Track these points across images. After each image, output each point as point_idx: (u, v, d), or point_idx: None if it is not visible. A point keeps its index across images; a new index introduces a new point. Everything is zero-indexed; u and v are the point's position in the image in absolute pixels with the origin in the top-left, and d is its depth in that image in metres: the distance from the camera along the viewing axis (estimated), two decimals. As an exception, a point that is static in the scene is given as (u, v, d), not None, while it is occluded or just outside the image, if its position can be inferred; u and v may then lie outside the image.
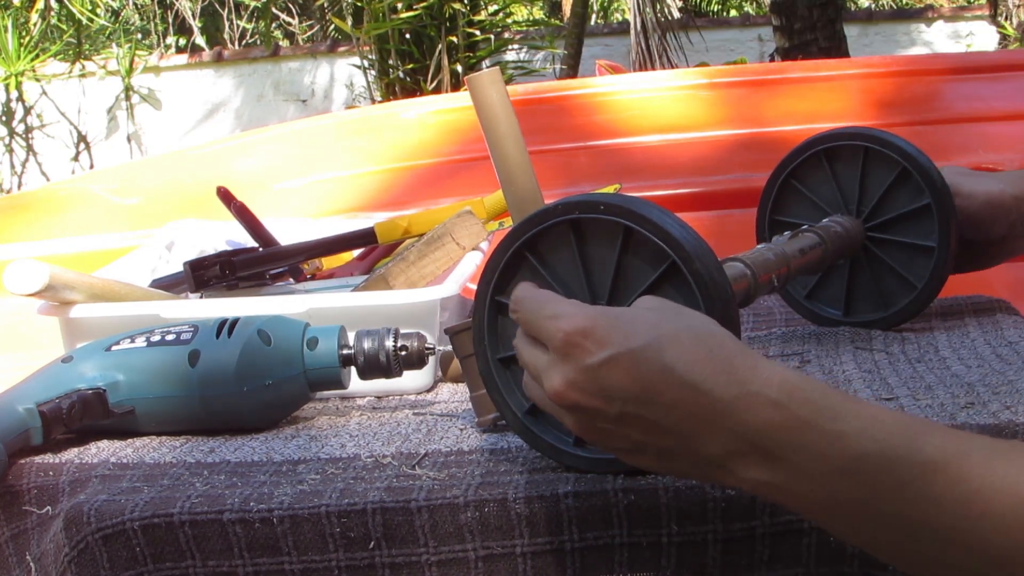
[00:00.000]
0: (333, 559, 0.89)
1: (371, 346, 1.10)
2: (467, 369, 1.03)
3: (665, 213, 0.88)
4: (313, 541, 0.89)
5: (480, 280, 0.93)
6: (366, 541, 0.88)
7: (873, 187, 1.26)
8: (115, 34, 8.70)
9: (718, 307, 0.85)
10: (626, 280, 0.89)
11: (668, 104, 2.69)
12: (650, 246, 0.87)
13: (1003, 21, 8.28)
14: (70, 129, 7.81)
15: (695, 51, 8.30)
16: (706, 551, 0.87)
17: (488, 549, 0.88)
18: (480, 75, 1.09)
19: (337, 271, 1.53)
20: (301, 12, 10.60)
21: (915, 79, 2.66)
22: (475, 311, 0.94)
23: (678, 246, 0.86)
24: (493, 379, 0.94)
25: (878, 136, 1.25)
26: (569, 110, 2.71)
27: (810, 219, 1.27)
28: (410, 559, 0.88)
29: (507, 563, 0.88)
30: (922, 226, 1.23)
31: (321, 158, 2.66)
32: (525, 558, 0.88)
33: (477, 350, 0.95)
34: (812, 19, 5.89)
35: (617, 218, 0.88)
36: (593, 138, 2.61)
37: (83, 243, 2.39)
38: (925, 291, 1.24)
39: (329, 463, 0.99)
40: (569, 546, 0.87)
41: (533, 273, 0.92)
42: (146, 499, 0.91)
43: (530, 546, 0.87)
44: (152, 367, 1.08)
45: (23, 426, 1.03)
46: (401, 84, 6.51)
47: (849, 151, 1.26)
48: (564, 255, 0.91)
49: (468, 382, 1.04)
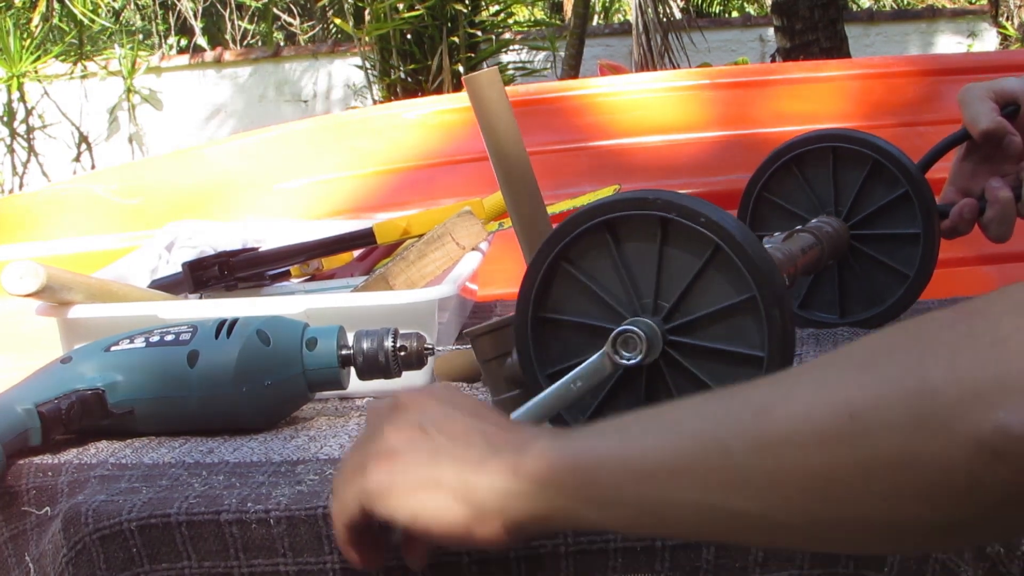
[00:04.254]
0: (328, 561, 0.89)
1: (370, 346, 1.10)
2: (488, 373, 1.02)
3: (697, 199, 0.87)
4: (309, 543, 0.89)
5: (519, 299, 0.92)
6: None
7: (848, 186, 1.26)
8: (117, 35, 8.71)
9: (767, 281, 0.85)
10: (671, 272, 0.88)
11: (668, 104, 2.69)
12: (690, 234, 0.86)
13: (1004, 21, 8.28)
14: (71, 130, 7.81)
15: (696, 51, 8.30)
16: (700, 554, 0.87)
17: (482, 553, 0.88)
18: (478, 75, 1.09)
19: (337, 271, 1.53)
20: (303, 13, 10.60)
21: (916, 80, 2.66)
22: (517, 332, 0.93)
23: (719, 229, 0.86)
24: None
25: (844, 134, 1.25)
26: (569, 110, 2.71)
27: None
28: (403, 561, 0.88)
29: (501, 568, 0.88)
30: (903, 215, 1.23)
31: (321, 158, 2.66)
32: (519, 562, 0.87)
33: (526, 370, 0.93)
34: (813, 20, 5.89)
35: (652, 211, 0.87)
36: (593, 138, 2.61)
37: (83, 243, 2.39)
38: (918, 277, 1.24)
39: (328, 463, 0.99)
40: (563, 549, 0.87)
41: (571, 282, 0.91)
42: (143, 499, 0.91)
43: (524, 550, 0.87)
44: (151, 368, 1.08)
45: (22, 427, 1.03)
46: (402, 84, 6.51)
47: (817, 155, 1.26)
48: (601, 258, 0.90)
49: (490, 387, 1.02)
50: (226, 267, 1.41)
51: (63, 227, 2.51)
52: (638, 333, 0.88)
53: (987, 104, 1.18)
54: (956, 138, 1.23)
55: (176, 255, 1.56)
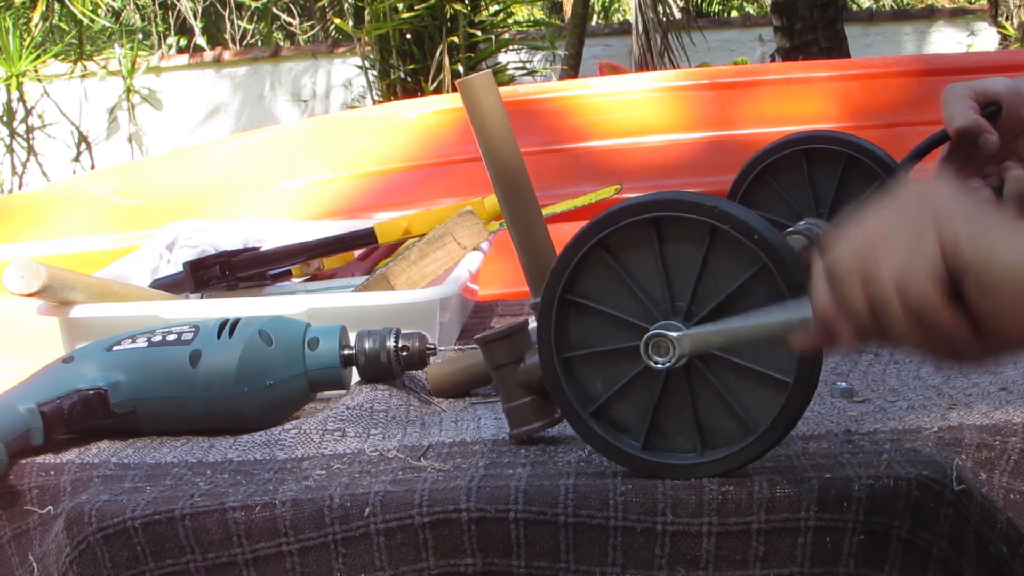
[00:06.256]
0: (329, 533, 0.89)
1: (372, 346, 1.10)
2: (500, 379, 1.01)
3: (752, 213, 0.87)
4: (311, 518, 0.89)
5: (550, 278, 0.91)
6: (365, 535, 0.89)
7: (826, 186, 1.26)
8: (116, 35, 8.70)
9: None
10: (711, 281, 0.88)
11: (667, 104, 2.69)
12: (739, 247, 0.86)
13: (1004, 21, 8.28)
14: (71, 129, 7.81)
15: (696, 51, 8.29)
16: (700, 543, 0.87)
17: (483, 513, 0.88)
18: (471, 79, 1.08)
19: (338, 271, 1.53)
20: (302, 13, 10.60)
21: (916, 80, 2.66)
22: (542, 309, 0.92)
23: (770, 248, 0.86)
24: (557, 378, 0.92)
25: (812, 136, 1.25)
26: (568, 111, 2.71)
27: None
28: (404, 522, 0.88)
29: (500, 527, 0.88)
30: None
31: (321, 158, 2.66)
32: (518, 524, 0.88)
33: (541, 349, 0.92)
34: (813, 20, 5.88)
35: (706, 218, 0.87)
36: (592, 138, 2.61)
37: (83, 243, 2.39)
38: None
39: (335, 459, 0.99)
40: (563, 519, 0.87)
41: (606, 271, 0.90)
42: (148, 498, 0.92)
43: (523, 513, 0.87)
44: (153, 367, 1.08)
45: (24, 426, 1.03)
46: (402, 84, 6.50)
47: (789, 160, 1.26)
48: (642, 254, 0.89)
49: (502, 393, 1.01)
50: (227, 267, 1.41)
51: (63, 227, 2.51)
52: (672, 339, 0.88)
53: (965, 103, 1.18)
54: (938, 138, 1.23)
55: (177, 255, 1.56)
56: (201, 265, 1.41)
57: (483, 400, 1.15)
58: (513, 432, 1.01)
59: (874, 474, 0.89)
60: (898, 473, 0.89)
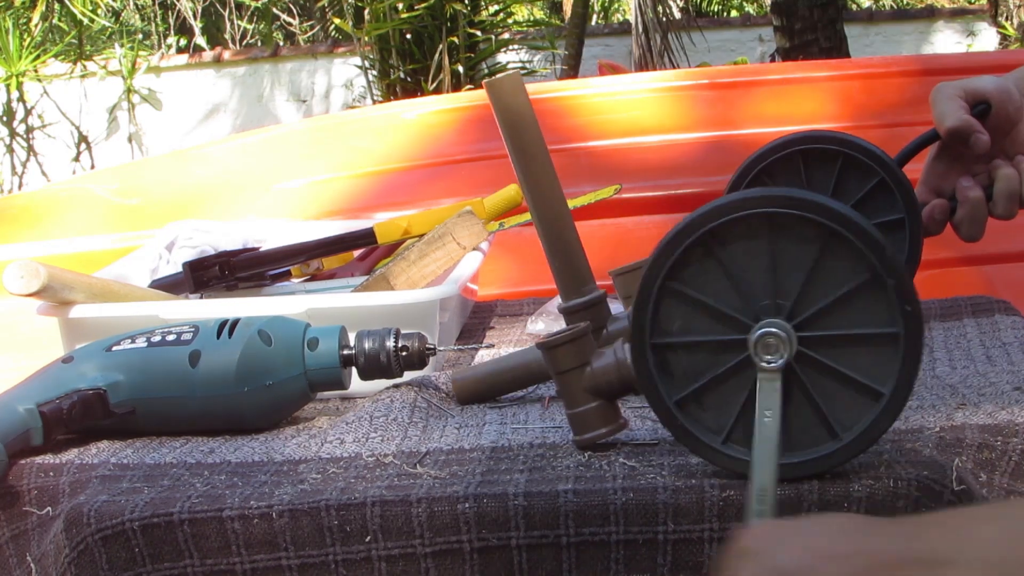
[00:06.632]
0: (330, 553, 0.89)
1: (372, 347, 1.10)
2: (564, 385, 0.99)
3: (867, 221, 0.86)
4: (311, 535, 0.89)
5: (651, 262, 0.90)
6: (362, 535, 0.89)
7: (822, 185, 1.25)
8: (116, 35, 8.70)
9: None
10: (820, 283, 0.87)
11: (667, 104, 2.69)
12: (854, 253, 0.86)
13: (1004, 21, 8.28)
14: (71, 129, 7.81)
15: (696, 51, 8.29)
16: (702, 549, 0.87)
17: (483, 540, 0.88)
18: (500, 80, 1.06)
19: (338, 271, 1.53)
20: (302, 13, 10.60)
21: (915, 80, 2.66)
22: (640, 292, 0.90)
23: (885, 258, 0.85)
24: (646, 364, 0.91)
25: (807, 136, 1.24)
26: (567, 110, 2.71)
27: None
28: (406, 550, 0.88)
29: (502, 554, 0.88)
30: (883, 203, 1.22)
31: (321, 158, 2.66)
32: (520, 551, 0.88)
33: (634, 333, 0.90)
34: (813, 19, 5.88)
35: (822, 219, 0.86)
36: (591, 138, 2.61)
37: (83, 243, 2.39)
38: (910, 261, 1.24)
39: (331, 462, 0.99)
40: (565, 540, 0.87)
41: (709, 262, 0.89)
42: (146, 499, 0.91)
43: (525, 539, 0.87)
44: (153, 367, 1.08)
45: (23, 426, 1.03)
46: (402, 84, 6.50)
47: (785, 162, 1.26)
48: (752, 248, 0.88)
49: (565, 399, 1.00)
50: (227, 267, 1.41)
51: (63, 227, 2.51)
52: (777, 334, 0.87)
53: (955, 103, 1.18)
54: (927, 137, 1.23)
55: (177, 255, 1.56)
56: (201, 265, 1.41)
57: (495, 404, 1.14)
58: (577, 439, 0.99)
59: (874, 474, 0.89)
60: (898, 473, 0.89)
